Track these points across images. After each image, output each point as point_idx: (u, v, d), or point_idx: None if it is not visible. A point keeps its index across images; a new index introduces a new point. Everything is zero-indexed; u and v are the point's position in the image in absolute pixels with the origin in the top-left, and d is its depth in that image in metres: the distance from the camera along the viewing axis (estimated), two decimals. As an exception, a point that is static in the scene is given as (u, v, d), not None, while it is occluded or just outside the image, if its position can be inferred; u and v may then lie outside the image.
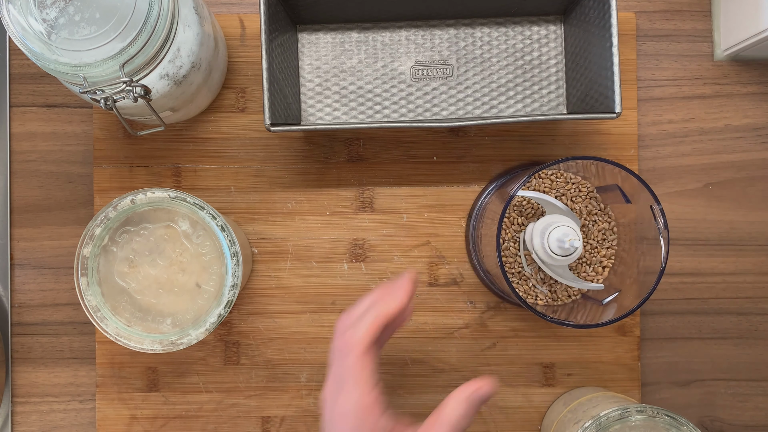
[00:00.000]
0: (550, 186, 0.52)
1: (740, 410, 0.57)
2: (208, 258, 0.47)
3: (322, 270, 0.56)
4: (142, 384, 0.55)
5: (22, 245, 0.56)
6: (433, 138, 0.56)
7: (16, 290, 0.56)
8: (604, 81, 0.49)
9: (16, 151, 0.56)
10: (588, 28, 0.51)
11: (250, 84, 0.56)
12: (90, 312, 0.46)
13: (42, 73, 0.56)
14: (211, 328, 0.47)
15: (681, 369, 0.57)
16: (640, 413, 0.44)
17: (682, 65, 0.57)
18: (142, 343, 0.47)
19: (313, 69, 0.55)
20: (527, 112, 0.55)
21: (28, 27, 0.42)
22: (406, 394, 0.56)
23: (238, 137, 0.56)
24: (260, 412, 0.56)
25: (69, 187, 0.56)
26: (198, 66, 0.47)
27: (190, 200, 0.46)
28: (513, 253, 0.52)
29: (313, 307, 0.56)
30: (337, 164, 0.56)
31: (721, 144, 0.56)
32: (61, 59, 0.41)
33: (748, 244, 0.56)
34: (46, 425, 0.56)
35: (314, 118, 0.55)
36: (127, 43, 0.41)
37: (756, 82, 0.57)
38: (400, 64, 0.55)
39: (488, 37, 0.55)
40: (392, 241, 0.56)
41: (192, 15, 0.46)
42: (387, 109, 0.55)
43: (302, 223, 0.56)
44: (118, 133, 0.56)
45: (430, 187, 0.56)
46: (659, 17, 0.57)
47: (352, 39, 0.55)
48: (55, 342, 0.56)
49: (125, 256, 0.47)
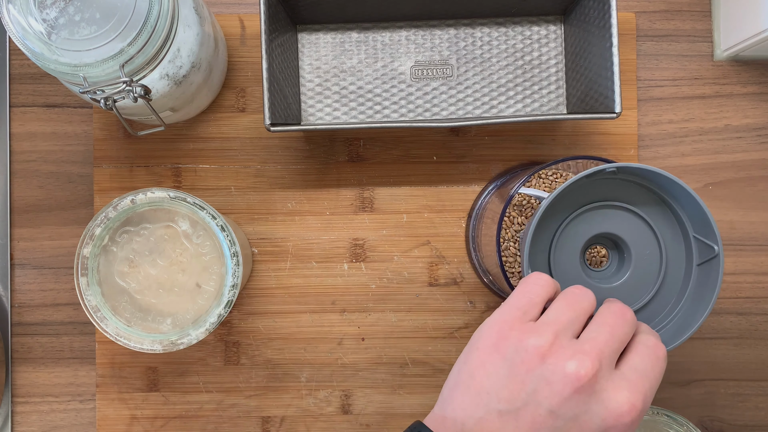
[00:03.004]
0: (550, 186, 0.52)
1: (740, 410, 0.57)
2: (208, 258, 0.47)
3: (322, 270, 0.56)
4: (142, 384, 0.55)
5: (22, 245, 0.56)
6: (433, 138, 0.56)
7: (16, 290, 0.56)
8: (604, 81, 0.49)
9: (16, 151, 0.56)
10: (588, 28, 0.51)
11: (250, 84, 0.56)
12: (90, 312, 0.46)
13: (42, 73, 0.56)
14: (211, 328, 0.47)
15: (681, 369, 0.57)
16: (640, 413, 0.44)
17: (682, 65, 0.57)
18: (142, 343, 0.47)
19: (313, 69, 0.55)
20: (527, 112, 0.55)
21: (28, 27, 0.42)
22: (406, 394, 0.56)
23: (238, 137, 0.56)
24: (260, 412, 0.56)
25: (69, 187, 0.56)
26: (198, 66, 0.47)
27: (190, 200, 0.46)
28: (513, 253, 0.52)
29: (313, 307, 0.56)
30: (337, 164, 0.56)
31: (721, 144, 0.56)
32: (61, 59, 0.41)
33: (748, 244, 0.56)
34: (46, 425, 0.56)
35: (314, 118, 0.55)
36: (127, 43, 0.41)
37: (756, 82, 0.57)
38: (400, 64, 0.55)
39: (488, 37, 0.55)
40: (392, 241, 0.56)
41: (192, 15, 0.46)
42: (387, 109, 0.55)
43: (302, 223, 0.56)
44: (118, 133, 0.56)
45: (430, 187, 0.56)
46: (659, 17, 0.57)
47: (352, 39, 0.55)
48: (55, 342, 0.56)
49: (125, 256, 0.47)
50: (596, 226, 0.43)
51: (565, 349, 0.34)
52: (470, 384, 0.36)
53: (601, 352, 0.34)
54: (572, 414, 0.33)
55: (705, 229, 0.41)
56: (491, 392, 0.35)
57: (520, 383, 0.34)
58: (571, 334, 0.35)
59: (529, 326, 0.36)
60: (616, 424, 0.34)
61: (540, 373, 0.34)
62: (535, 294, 0.37)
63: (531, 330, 0.35)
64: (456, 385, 0.37)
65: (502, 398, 0.34)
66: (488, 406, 0.35)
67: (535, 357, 0.34)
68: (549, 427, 0.34)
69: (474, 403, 0.35)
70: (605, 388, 0.34)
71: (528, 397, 0.34)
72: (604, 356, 0.34)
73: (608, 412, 0.33)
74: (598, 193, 0.43)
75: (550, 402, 0.33)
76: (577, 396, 0.33)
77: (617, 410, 0.34)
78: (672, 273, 0.43)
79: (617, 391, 0.34)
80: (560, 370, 0.34)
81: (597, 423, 0.33)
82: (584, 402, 0.33)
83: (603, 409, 0.34)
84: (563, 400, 0.33)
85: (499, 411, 0.34)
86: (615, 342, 0.35)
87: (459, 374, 0.37)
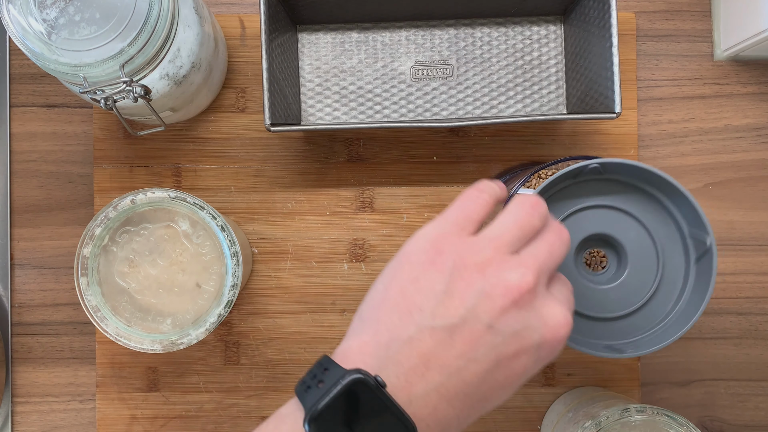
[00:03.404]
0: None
1: (740, 410, 0.56)
2: (208, 258, 0.47)
3: (322, 270, 0.56)
4: (142, 384, 0.55)
5: (22, 245, 0.56)
6: (433, 138, 0.56)
7: (16, 290, 0.56)
8: (604, 81, 0.49)
9: (16, 151, 0.56)
10: (588, 28, 0.51)
11: (250, 84, 0.56)
12: (90, 312, 0.46)
13: (42, 73, 0.56)
14: (211, 328, 0.47)
15: (681, 369, 0.57)
16: (640, 413, 0.44)
17: (682, 65, 0.57)
18: (142, 343, 0.47)
19: (313, 69, 0.55)
20: (527, 112, 0.55)
21: (28, 27, 0.42)
22: (406, 394, 0.56)
23: (238, 137, 0.56)
24: (260, 412, 0.56)
25: (69, 187, 0.56)
26: (198, 66, 0.47)
27: (190, 200, 0.46)
28: (513, 253, 0.52)
29: (313, 307, 0.56)
30: (337, 164, 0.56)
31: (721, 144, 0.56)
32: (61, 59, 0.41)
33: (748, 244, 0.56)
34: (46, 425, 0.56)
35: (314, 118, 0.55)
36: (127, 43, 0.41)
37: (756, 82, 0.57)
38: (400, 64, 0.55)
39: (488, 37, 0.55)
40: (392, 241, 0.56)
41: (192, 15, 0.46)
42: (387, 109, 0.55)
43: (302, 223, 0.56)
44: (118, 133, 0.56)
45: (430, 187, 0.56)
46: (659, 17, 0.57)
47: (352, 39, 0.55)
48: (55, 342, 0.56)
49: (125, 256, 0.47)
50: (588, 227, 0.43)
51: (507, 263, 0.33)
52: (399, 301, 0.33)
53: (540, 269, 0.33)
54: (511, 329, 0.32)
55: (695, 221, 0.41)
56: (425, 309, 0.32)
57: (458, 299, 0.32)
58: (512, 251, 0.34)
59: (470, 241, 0.34)
60: (552, 339, 0.33)
61: (480, 287, 0.32)
62: (474, 212, 0.35)
63: (471, 245, 0.33)
64: (381, 304, 0.34)
65: (438, 314, 0.32)
66: (420, 323, 0.32)
67: (475, 272, 0.32)
68: (487, 344, 0.32)
69: (403, 322, 0.32)
70: (543, 305, 0.33)
71: (467, 313, 0.32)
72: (542, 273, 0.33)
73: (547, 328, 0.33)
74: (590, 194, 0.43)
75: (490, 316, 0.32)
76: (516, 310, 0.32)
77: (555, 324, 0.33)
78: (670, 271, 0.43)
79: (554, 307, 0.33)
80: (501, 283, 0.32)
81: (536, 338, 0.33)
82: (524, 317, 0.32)
83: (542, 325, 0.33)
84: (503, 312, 0.32)
85: (433, 328, 0.32)
86: (552, 261, 0.34)
87: (386, 291, 0.34)
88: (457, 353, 0.32)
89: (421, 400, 0.31)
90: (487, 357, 0.32)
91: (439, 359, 0.32)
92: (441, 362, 0.31)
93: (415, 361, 0.32)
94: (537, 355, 0.33)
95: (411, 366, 0.31)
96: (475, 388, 0.32)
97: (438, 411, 0.32)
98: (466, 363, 0.32)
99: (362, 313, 0.35)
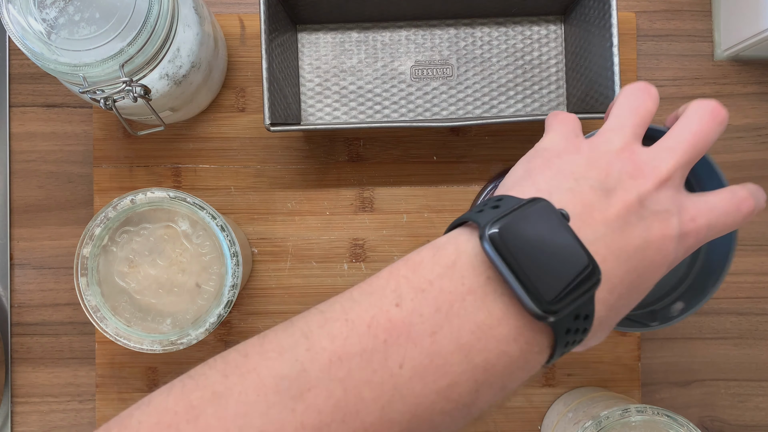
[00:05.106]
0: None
1: (740, 410, 0.56)
2: (208, 258, 0.47)
3: (322, 270, 0.56)
4: (142, 384, 0.55)
5: (22, 245, 0.56)
6: (433, 138, 0.56)
7: (16, 290, 0.56)
8: (604, 81, 0.49)
9: (16, 151, 0.56)
10: (588, 28, 0.51)
11: (250, 84, 0.56)
12: (90, 312, 0.46)
13: (42, 73, 0.56)
14: (211, 328, 0.47)
15: (681, 369, 0.57)
16: (640, 413, 0.44)
17: (682, 65, 0.57)
18: (142, 343, 0.47)
19: (313, 69, 0.55)
20: (527, 112, 0.55)
21: (28, 27, 0.42)
22: (406, 394, 0.56)
23: (238, 137, 0.56)
24: (260, 412, 0.56)
25: (69, 187, 0.56)
26: (198, 66, 0.47)
27: (190, 200, 0.46)
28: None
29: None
30: (337, 164, 0.56)
31: (721, 144, 0.56)
32: (61, 59, 0.41)
33: (748, 244, 0.56)
34: (46, 425, 0.56)
35: (314, 118, 0.55)
36: (126, 43, 0.41)
37: (756, 82, 0.57)
38: (400, 64, 0.55)
39: (488, 37, 0.55)
40: (392, 241, 0.56)
41: (192, 15, 0.46)
42: (387, 109, 0.55)
43: (302, 223, 0.56)
44: (118, 133, 0.56)
45: (430, 187, 0.56)
46: (659, 17, 0.57)
47: (352, 39, 0.55)
48: (55, 342, 0.56)
49: (125, 256, 0.47)
50: None
51: (642, 151, 0.32)
52: (548, 166, 0.32)
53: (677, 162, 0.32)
54: (656, 208, 0.31)
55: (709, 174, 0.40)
56: (576, 173, 0.31)
57: (604, 171, 0.31)
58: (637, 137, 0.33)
59: (593, 138, 0.33)
60: (690, 231, 0.32)
61: (621, 167, 0.31)
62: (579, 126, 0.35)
63: (598, 136, 0.33)
64: (528, 172, 0.32)
65: (591, 177, 0.31)
66: (578, 180, 0.31)
67: (612, 154, 0.32)
68: (637, 214, 0.31)
69: (560, 177, 0.31)
70: (685, 196, 0.33)
71: (616, 183, 0.31)
72: (680, 166, 0.32)
73: (687, 217, 0.32)
74: None
75: (639, 190, 0.31)
76: (659, 191, 0.31)
77: (696, 216, 0.32)
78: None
79: (697, 202, 0.33)
80: (640, 166, 0.32)
81: (675, 225, 0.31)
82: (667, 199, 0.32)
83: (683, 213, 0.32)
84: (649, 191, 0.31)
85: (591, 185, 0.31)
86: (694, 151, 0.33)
87: (529, 162, 0.33)
88: (615, 213, 0.31)
89: (590, 246, 0.30)
90: (640, 226, 0.31)
91: (601, 213, 0.30)
92: (603, 216, 0.30)
93: (580, 209, 0.30)
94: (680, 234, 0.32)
95: (576, 212, 0.30)
96: (633, 252, 0.31)
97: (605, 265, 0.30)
98: (624, 224, 0.31)
99: (506, 183, 0.33)
